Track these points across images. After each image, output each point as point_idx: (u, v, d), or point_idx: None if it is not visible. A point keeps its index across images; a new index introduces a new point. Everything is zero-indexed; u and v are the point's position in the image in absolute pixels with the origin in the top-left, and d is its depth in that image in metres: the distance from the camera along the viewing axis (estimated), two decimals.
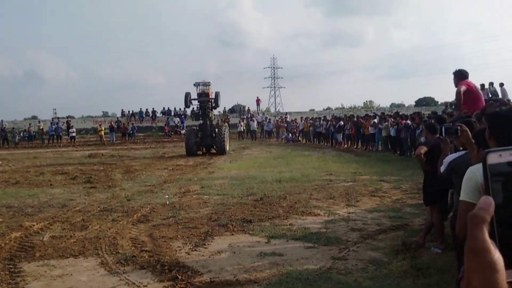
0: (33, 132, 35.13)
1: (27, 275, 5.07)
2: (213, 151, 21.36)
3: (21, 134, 34.55)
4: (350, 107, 51.39)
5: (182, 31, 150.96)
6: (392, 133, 18.28)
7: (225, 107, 45.58)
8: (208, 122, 21.70)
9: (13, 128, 35.32)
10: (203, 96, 22.01)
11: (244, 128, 34.03)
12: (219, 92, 22.80)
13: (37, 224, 7.52)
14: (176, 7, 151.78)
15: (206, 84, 22.44)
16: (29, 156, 22.85)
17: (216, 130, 21.36)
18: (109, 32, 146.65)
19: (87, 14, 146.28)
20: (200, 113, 22.33)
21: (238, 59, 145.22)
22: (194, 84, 22.46)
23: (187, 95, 22.01)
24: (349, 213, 8.00)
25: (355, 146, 22.45)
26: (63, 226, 7.43)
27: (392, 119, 18.70)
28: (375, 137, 20.30)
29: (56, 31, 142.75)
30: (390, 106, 55.00)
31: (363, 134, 21.31)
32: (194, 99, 22.36)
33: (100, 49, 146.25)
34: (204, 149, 21.49)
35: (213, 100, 22.50)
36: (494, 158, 0.72)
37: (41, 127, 36.51)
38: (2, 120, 37.18)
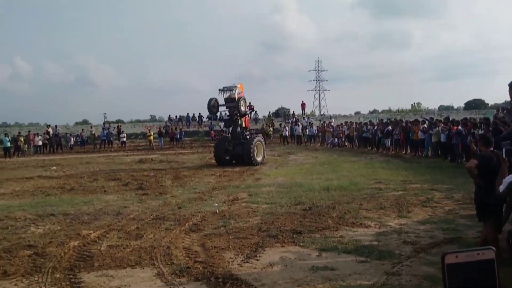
0: (86, 137, 36.44)
1: (87, 286, 5.28)
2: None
3: (74, 139, 35.90)
4: (398, 110, 50.30)
5: (227, 36, 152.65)
6: (443, 138, 17.78)
7: (269, 111, 45.74)
8: (238, 129, 20.45)
9: (66, 133, 36.78)
10: (229, 102, 20.32)
11: (289, 132, 33.99)
12: (242, 97, 20.54)
13: (94, 232, 7.81)
14: (221, 13, 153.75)
15: (232, 89, 20.53)
16: (82, 161, 23.74)
17: (245, 138, 20.05)
18: (157, 38, 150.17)
19: (135, 21, 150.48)
20: (230, 119, 20.80)
21: (282, 62, 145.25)
22: (219, 90, 20.59)
23: (210, 101, 20.38)
24: (401, 224, 7.86)
25: (403, 152, 21.96)
26: (119, 234, 7.69)
27: (443, 124, 18.19)
28: (425, 143, 19.80)
29: (105, 38, 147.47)
30: (439, 108, 53.65)
31: (412, 140, 20.81)
32: (222, 105, 20.76)
33: (148, 54, 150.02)
34: (234, 158, 20.13)
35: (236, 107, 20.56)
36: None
37: (93, 132, 37.82)
38: (56, 126, 38.79)
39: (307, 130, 32.81)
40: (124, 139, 34.56)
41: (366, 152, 24.15)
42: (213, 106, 20.39)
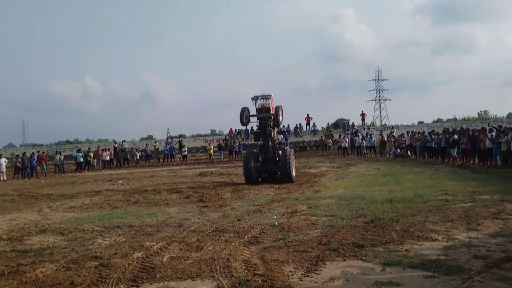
0: (150, 151, 37.71)
1: None
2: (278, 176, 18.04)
3: (140, 153, 37.25)
4: (463, 119, 48.16)
5: (285, 48, 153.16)
6: None
7: (328, 123, 45.24)
8: (270, 143, 18.42)
9: (132, 148, 38.25)
10: (262, 112, 18.46)
11: (348, 144, 33.44)
12: (280, 106, 18.94)
13: (156, 244, 7.96)
14: (278, 25, 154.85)
15: (266, 98, 18.73)
16: (146, 175, 24.53)
17: (280, 152, 18.24)
18: (215, 53, 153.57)
19: (195, 38, 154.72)
20: (261, 132, 18.71)
21: (341, 72, 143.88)
22: (252, 98, 18.81)
23: (243, 111, 18.60)
24: (470, 238, 7.41)
25: (471, 162, 20.90)
26: (180, 246, 7.79)
27: None
28: (493, 152, 18.75)
29: (167, 55, 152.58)
30: (508, 116, 50.77)
31: (479, 149, 19.77)
32: (253, 116, 18.81)
33: (207, 69, 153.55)
34: (265, 175, 18.40)
35: (273, 117, 18.76)
36: None
37: (156, 147, 39.18)
38: (123, 141, 40.44)
39: (366, 141, 32.14)
40: (186, 153, 35.47)
41: (431, 162, 23.25)
42: (245, 116, 18.72)
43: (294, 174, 18.05)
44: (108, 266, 6.71)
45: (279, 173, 17.75)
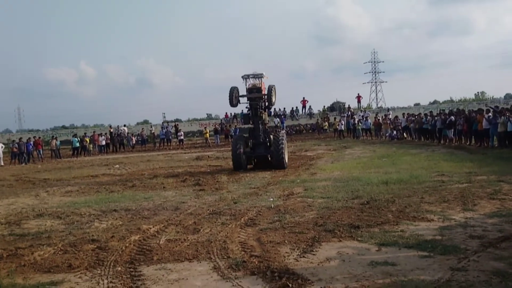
0: (146, 136, 37.63)
1: (146, 279, 5.38)
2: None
3: (135, 138, 37.17)
4: (460, 100, 48.11)
5: (279, 31, 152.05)
6: (510, 128, 16.84)
7: (324, 105, 45.20)
8: (260, 126, 17.08)
9: (128, 133, 38.14)
10: (253, 92, 16.94)
11: (344, 126, 33.44)
12: (273, 86, 17.23)
13: (153, 227, 8.00)
14: (273, 8, 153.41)
15: (258, 77, 17.10)
16: (143, 159, 24.52)
17: (271, 136, 16.96)
18: (210, 36, 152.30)
19: (189, 22, 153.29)
20: (251, 114, 17.37)
21: (336, 55, 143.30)
22: (242, 77, 17.18)
23: (232, 90, 16.97)
24: (466, 218, 7.46)
25: (467, 143, 20.95)
26: (177, 229, 7.83)
27: (510, 113, 17.19)
28: (490, 133, 18.79)
29: (163, 39, 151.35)
30: (505, 97, 50.81)
31: (476, 130, 19.81)
32: (243, 96, 17.20)
33: (202, 53, 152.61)
34: (255, 160, 17.36)
35: (266, 97, 17.33)
36: None
37: (152, 131, 39.09)
38: (118, 126, 40.32)
39: (362, 123, 32.15)
40: (182, 137, 35.42)
41: (427, 144, 23.31)
42: (235, 97, 17.06)
43: (286, 159, 16.84)
44: (105, 249, 6.74)
45: (270, 158, 16.73)
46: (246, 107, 17.55)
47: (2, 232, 8.46)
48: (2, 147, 28.88)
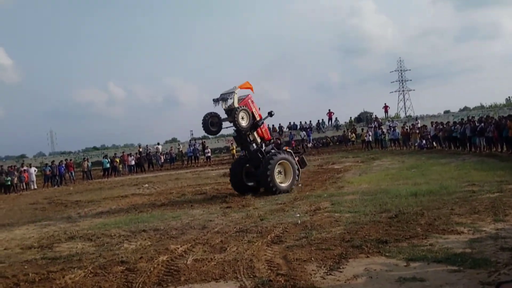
0: (174, 154, 38.09)
1: None
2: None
3: (164, 157, 37.66)
4: (491, 106, 46.94)
5: (303, 43, 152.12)
6: None
7: (351, 117, 44.79)
8: (251, 148, 15.14)
9: (156, 152, 38.68)
10: (229, 114, 14.85)
11: (372, 137, 33.06)
12: (239, 107, 14.54)
13: (181, 246, 8.07)
14: (295, 21, 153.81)
15: (226, 99, 14.85)
16: (171, 178, 24.80)
17: (264, 156, 14.80)
18: (235, 52, 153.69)
19: (210, 40, 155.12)
20: (238, 137, 15.77)
21: (362, 65, 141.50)
22: (213, 101, 15.02)
23: (205, 118, 14.60)
24: (497, 229, 7.27)
25: (498, 150, 20.40)
26: (204, 248, 7.88)
27: None
28: None
29: (188, 57, 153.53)
30: None
31: (506, 137, 19.27)
32: (225, 120, 15.02)
33: (228, 69, 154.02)
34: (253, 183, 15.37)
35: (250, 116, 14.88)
36: None
37: (180, 149, 39.55)
38: (147, 145, 40.97)
39: (390, 134, 31.74)
40: (209, 154, 35.71)
41: (457, 153, 22.82)
42: (210, 124, 14.70)
43: (285, 184, 14.56)
44: (134, 270, 6.84)
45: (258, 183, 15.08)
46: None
47: (34, 256, 8.67)
48: (35, 170, 29.75)
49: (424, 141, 27.75)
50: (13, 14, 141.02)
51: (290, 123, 43.61)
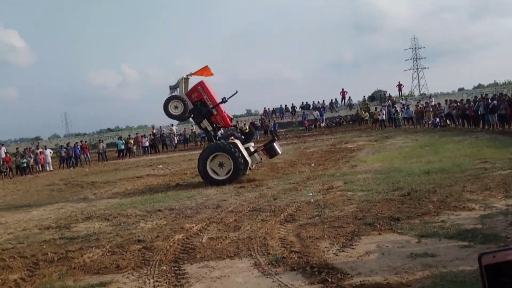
0: (187, 135, 38.30)
1: (190, 277, 5.59)
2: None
3: (177, 138, 37.92)
4: (504, 83, 46.22)
5: (315, 21, 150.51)
6: None
7: (364, 96, 44.48)
8: (208, 136, 15.22)
9: (170, 133, 38.94)
10: (187, 103, 14.57)
11: (386, 116, 32.85)
12: (174, 96, 14.70)
13: (196, 225, 8.23)
14: None
15: (177, 86, 14.90)
16: (185, 159, 25.00)
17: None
18: (246, 32, 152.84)
19: (222, 17, 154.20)
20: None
21: (375, 43, 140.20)
22: (169, 88, 15.12)
23: (165, 105, 14.50)
24: (508, 205, 7.30)
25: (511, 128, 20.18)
26: (218, 227, 8.03)
27: None
28: None
29: (198, 38, 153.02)
30: None
31: None
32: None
33: (238, 48, 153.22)
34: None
35: (198, 103, 14.61)
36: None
37: (193, 130, 39.70)
38: (160, 127, 41.23)
39: (403, 112, 31.51)
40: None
41: (470, 130, 22.65)
42: (169, 111, 14.54)
43: (234, 174, 13.69)
44: (151, 248, 7.01)
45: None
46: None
47: (53, 236, 8.90)
48: (50, 152, 30.19)
49: (438, 119, 27.54)
50: None
51: (302, 102, 43.55)
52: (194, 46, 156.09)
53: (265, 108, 45.11)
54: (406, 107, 32.10)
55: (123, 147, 33.03)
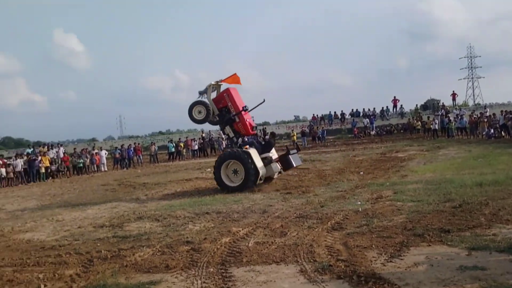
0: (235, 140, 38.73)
1: (237, 280, 5.69)
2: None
3: (226, 142, 38.40)
4: None
5: (368, 28, 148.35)
6: None
7: (416, 104, 43.46)
8: (230, 143, 15.56)
9: (218, 137, 39.49)
10: (211, 109, 15.26)
11: (438, 125, 31.91)
12: (198, 101, 15.27)
13: (242, 229, 8.36)
14: (362, 5, 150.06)
15: (206, 92, 15.36)
16: None
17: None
18: (298, 37, 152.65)
19: (274, 23, 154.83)
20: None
21: (430, 51, 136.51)
22: (199, 93, 15.55)
23: (189, 109, 15.33)
24: None
25: None
26: (265, 232, 8.11)
27: None
28: None
29: (249, 44, 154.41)
30: None
31: None
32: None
33: (290, 55, 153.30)
34: None
35: (223, 110, 15.23)
36: None
37: None
38: (209, 131, 41.93)
39: (457, 122, 30.52)
40: None
41: None
42: (193, 116, 15.34)
43: (245, 182, 13.83)
44: (199, 250, 7.18)
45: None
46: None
47: (106, 234, 9.28)
48: (105, 153, 31.38)
49: (492, 130, 26.51)
50: (84, 1, 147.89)
51: (352, 110, 43.09)
52: (245, 51, 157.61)
53: (313, 114, 45.02)
54: (459, 117, 31.11)
55: (173, 150, 33.88)
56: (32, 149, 31.45)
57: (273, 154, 15.22)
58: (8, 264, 7.45)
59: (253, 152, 14.16)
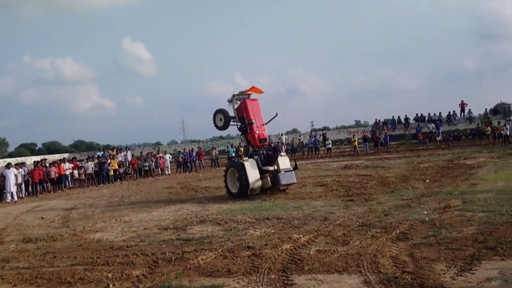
0: (295, 145, 38.67)
1: None
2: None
3: (285, 147, 38.41)
4: None
5: (434, 29, 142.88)
6: None
7: (486, 108, 41.37)
8: (250, 149, 15.88)
9: (278, 142, 39.59)
10: (228, 117, 16.12)
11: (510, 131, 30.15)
12: (221, 109, 16.17)
13: (303, 236, 8.26)
14: (425, 6, 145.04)
15: (231, 100, 16.30)
16: None
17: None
18: (358, 42, 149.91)
19: (334, 29, 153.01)
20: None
21: (501, 52, 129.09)
22: (228, 101, 16.58)
23: (213, 116, 16.35)
24: None
25: None
26: (326, 240, 7.97)
27: None
28: None
29: (310, 49, 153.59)
30: None
31: None
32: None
33: (350, 58, 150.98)
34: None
35: (242, 119, 15.82)
36: None
37: (301, 140, 40.02)
38: (269, 136, 42.14)
39: None
40: (330, 146, 35.57)
41: None
42: (219, 120, 16.21)
43: (240, 190, 14.60)
44: (260, 256, 7.17)
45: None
46: None
47: (170, 236, 9.49)
48: (169, 157, 32.32)
49: None
50: (151, 11, 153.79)
51: (417, 114, 41.71)
52: (306, 57, 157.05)
53: (376, 119, 44.02)
54: None
55: (234, 154, 34.18)
56: (102, 152, 32.92)
57: (285, 165, 15.26)
58: (80, 262, 7.79)
59: (249, 164, 14.60)
